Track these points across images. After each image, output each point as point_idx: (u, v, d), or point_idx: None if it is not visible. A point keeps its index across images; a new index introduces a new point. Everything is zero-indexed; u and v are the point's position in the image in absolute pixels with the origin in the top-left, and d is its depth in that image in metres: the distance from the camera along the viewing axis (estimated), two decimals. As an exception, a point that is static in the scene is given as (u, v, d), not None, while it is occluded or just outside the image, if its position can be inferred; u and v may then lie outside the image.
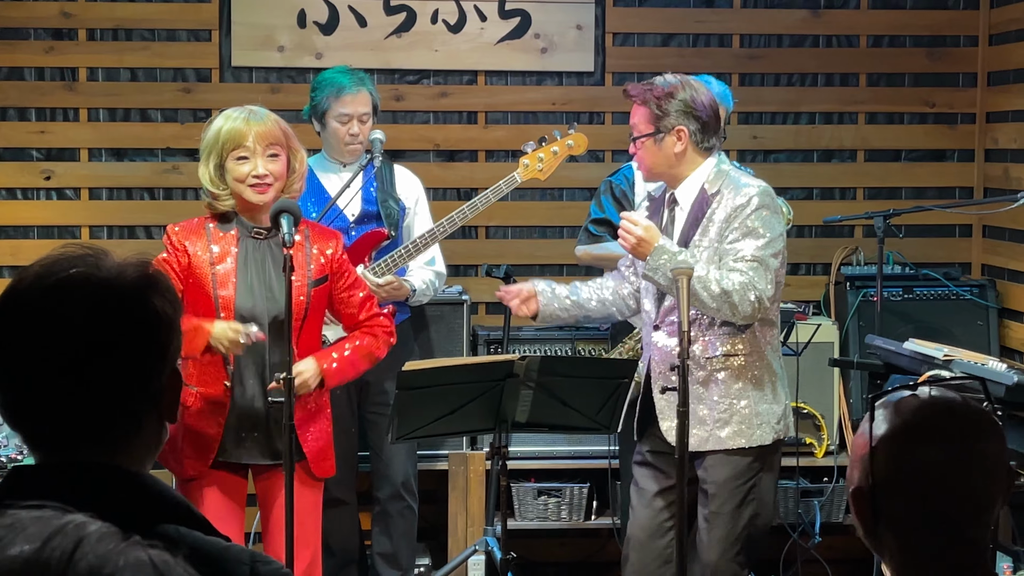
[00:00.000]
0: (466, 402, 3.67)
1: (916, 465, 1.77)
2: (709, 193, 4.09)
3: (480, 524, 5.43)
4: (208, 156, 3.91)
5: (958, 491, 1.77)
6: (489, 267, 5.34)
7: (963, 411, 1.81)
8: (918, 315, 5.75)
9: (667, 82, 4.11)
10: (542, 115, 5.99)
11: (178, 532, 1.67)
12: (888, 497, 1.78)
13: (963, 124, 6.14)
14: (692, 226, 4.09)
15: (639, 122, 4.09)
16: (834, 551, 5.61)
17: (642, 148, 4.09)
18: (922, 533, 1.78)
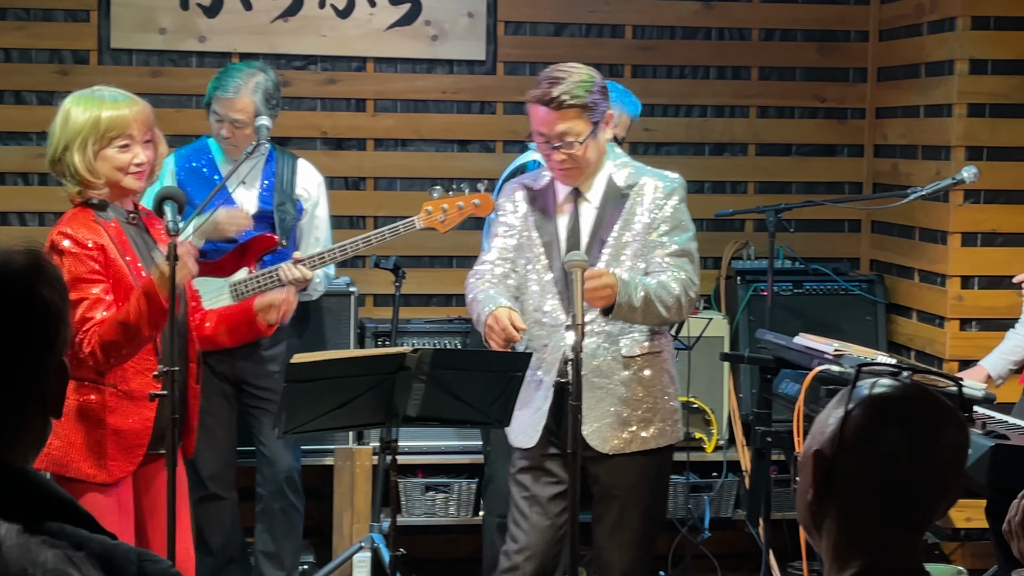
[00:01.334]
0: (357, 395, 3.65)
1: (883, 443, 1.82)
2: (622, 185, 4.01)
3: (366, 521, 5.42)
4: (84, 143, 3.74)
5: (917, 477, 1.82)
6: (378, 258, 5.32)
7: (933, 401, 1.87)
8: (808, 310, 5.85)
9: (579, 71, 3.95)
10: (432, 104, 5.99)
11: (62, 530, 1.65)
12: (848, 467, 1.83)
13: (853, 119, 6.26)
14: (608, 221, 3.99)
15: (575, 125, 3.88)
16: (723, 546, 5.69)
17: (584, 150, 3.91)
18: (870, 510, 1.83)
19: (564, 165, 3.93)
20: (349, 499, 5.48)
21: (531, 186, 4.10)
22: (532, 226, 4.05)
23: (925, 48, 5.77)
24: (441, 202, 4.78)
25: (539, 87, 3.92)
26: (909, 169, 5.90)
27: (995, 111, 5.52)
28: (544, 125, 3.89)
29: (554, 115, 3.87)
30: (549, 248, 4.02)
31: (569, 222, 4.04)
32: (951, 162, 5.50)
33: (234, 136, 4.85)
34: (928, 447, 1.83)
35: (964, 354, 5.54)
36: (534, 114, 3.93)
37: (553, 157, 3.92)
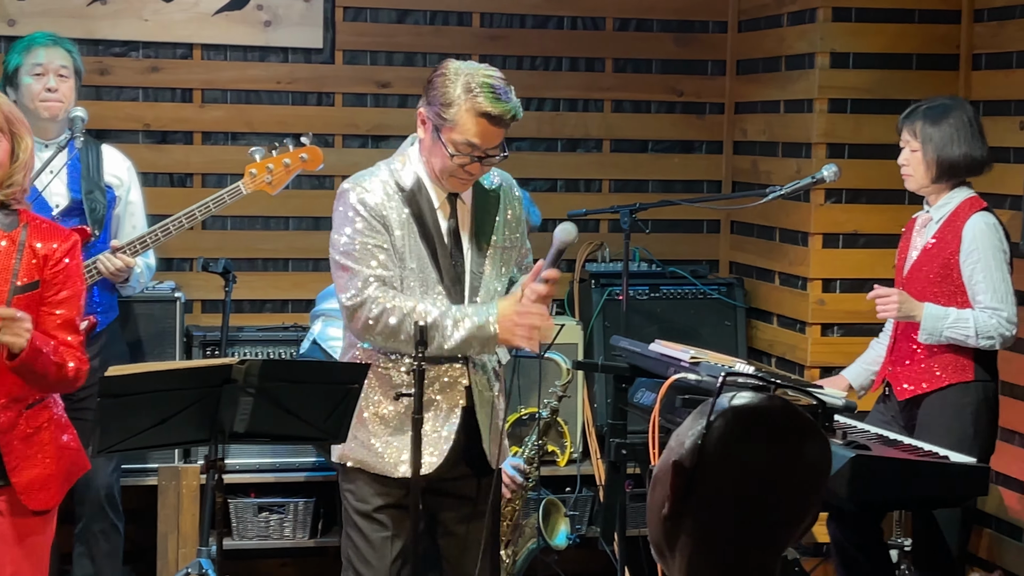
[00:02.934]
0: (178, 411, 3.57)
1: (745, 457, 1.83)
2: (487, 187, 4.02)
3: (193, 545, 5.34)
4: None
5: (778, 493, 1.84)
6: (206, 261, 5.25)
7: (797, 416, 1.89)
8: (665, 315, 5.90)
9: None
10: (265, 95, 5.92)
11: None
12: (708, 480, 1.83)
13: (712, 114, 6.33)
14: (486, 223, 4.00)
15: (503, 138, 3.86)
16: (576, 564, 5.70)
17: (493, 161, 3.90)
18: (728, 527, 1.83)
19: (473, 177, 3.92)
20: (175, 521, 5.39)
21: (402, 185, 3.94)
22: (412, 228, 3.92)
23: (785, 40, 5.86)
24: (265, 162, 4.76)
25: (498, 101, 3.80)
26: (769, 167, 5.99)
27: (857, 107, 5.62)
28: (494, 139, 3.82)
29: (497, 133, 3.82)
30: (435, 255, 3.93)
31: (450, 224, 3.98)
32: (812, 160, 5.59)
33: (60, 91, 4.78)
34: (790, 463, 1.85)
35: (826, 360, 5.64)
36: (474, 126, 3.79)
37: (471, 168, 3.85)
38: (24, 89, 4.81)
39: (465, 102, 3.77)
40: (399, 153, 3.99)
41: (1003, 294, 4.49)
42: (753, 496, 1.83)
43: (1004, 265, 4.53)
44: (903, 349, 4.65)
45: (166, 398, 3.56)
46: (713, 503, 1.83)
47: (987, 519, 5.32)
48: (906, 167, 4.64)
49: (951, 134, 4.55)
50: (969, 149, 4.56)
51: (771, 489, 1.83)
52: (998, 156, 5.02)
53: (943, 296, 4.56)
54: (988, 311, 4.48)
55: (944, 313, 4.50)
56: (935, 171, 4.57)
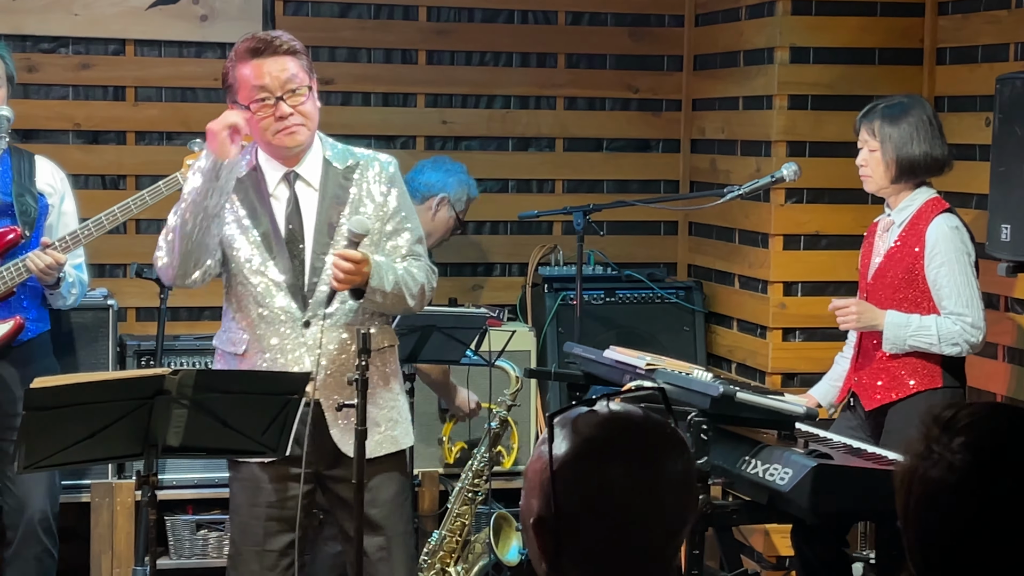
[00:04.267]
0: (108, 424, 3.53)
1: (599, 487, 1.79)
2: (340, 166, 4.03)
3: (128, 564, 5.32)
4: None
5: (646, 513, 1.80)
6: (140, 267, 5.22)
7: (646, 427, 1.84)
8: (621, 320, 5.90)
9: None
10: (202, 92, 5.89)
11: None
12: (571, 524, 1.80)
13: (668, 111, 6.33)
14: (334, 205, 3.99)
15: (297, 72, 3.93)
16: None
17: (307, 101, 3.93)
18: (609, 561, 1.80)
19: (292, 122, 3.91)
20: (109, 540, 5.37)
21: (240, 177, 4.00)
22: (243, 217, 3.98)
23: (744, 34, 5.86)
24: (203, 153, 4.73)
25: (244, 43, 3.97)
26: (728, 166, 5.99)
27: (818, 103, 5.63)
28: (265, 76, 3.90)
29: (274, 61, 3.90)
30: (267, 240, 3.96)
31: (287, 207, 4.00)
32: (772, 158, 5.59)
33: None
34: (649, 480, 1.81)
35: (788, 366, 5.65)
36: (248, 71, 3.93)
37: (280, 111, 3.89)
38: None
39: (233, 64, 3.99)
40: None
41: (967, 299, 4.50)
42: (622, 523, 1.79)
43: (968, 268, 4.54)
44: (869, 358, 4.66)
45: (95, 411, 3.52)
46: (586, 547, 1.80)
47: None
48: (864, 168, 4.65)
49: (910, 133, 4.57)
50: (929, 148, 4.57)
51: (639, 511, 1.79)
52: (963, 153, 5.04)
53: (909, 302, 4.57)
54: (952, 317, 4.49)
55: (906, 321, 4.51)
56: (895, 171, 4.59)
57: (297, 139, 3.96)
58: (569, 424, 1.84)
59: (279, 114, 3.90)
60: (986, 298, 4.65)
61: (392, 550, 4.08)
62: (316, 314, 3.95)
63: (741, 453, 3.94)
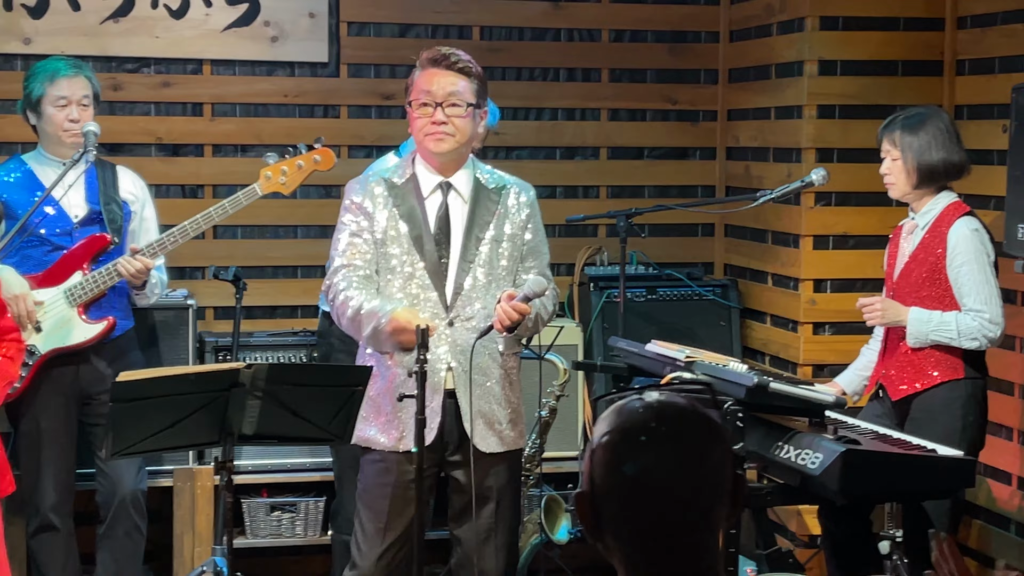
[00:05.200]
0: (188, 414, 3.57)
1: (633, 470, 1.80)
2: (489, 187, 4.12)
3: (208, 543, 5.33)
4: None
5: (678, 495, 1.80)
6: (217, 269, 5.25)
7: (684, 415, 1.85)
8: (661, 316, 5.89)
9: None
10: (273, 108, 5.92)
11: None
12: (606, 501, 1.82)
13: (705, 121, 6.32)
14: (482, 218, 4.07)
15: (463, 89, 4.02)
16: (578, 559, 5.69)
17: (464, 116, 4.01)
18: (642, 538, 1.82)
19: (443, 129, 4.00)
20: (190, 521, 5.38)
21: (392, 180, 4.11)
22: (397, 219, 4.05)
23: (775, 49, 5.85)
24: (280, 165, 4.78)
25: (428, 53, 4.08)
26: (761, 172, 5.98)
27: (845, 112, 5.61)
28: (433, 83, 4.01)
29: (445, 74, 4.01)
30: (419, 242, 4.03)
31: (439, 212, 4.06)
32: (802, 164, 5.57)
33: (82, 118, 4.77)
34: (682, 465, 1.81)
35: (818, 358, 5.63)
36: (422, 76, 4.04)
37: (435, 116, 3.99)
38: (48, 118, 4.80)
39: (417, 68, 4.08)
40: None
41: (987, 296, 4.49)
42: (653, 504, 1.79)
43: (988, 267, 4.52)
44: (896, 351, 4.65)
45: (176, 402, 3.56)
46: (623, 523, 1.81)
47: (977, 510, 5.30)
48: (888, 176, 4.65)
49: (929, 141, 4.56)
50: (947, 154, 4.56)
51: (671, 494, 1.79)
52: (982, 158, 5.01)
53: (932, 299, 4.56)
54: (972, 313, 4.48)
55: (928, 317, 4.51)
56: (916, 177, 4.58)
57: (442, 146, 4.03)
58: (615, 410, 1.86)
59: (434, 119, 3.99)
60: (1004, 294, 4.63)
61: (497, 534, 4.13)
62: (459, 315, 4.00)
63: (774, 439, 3.93)
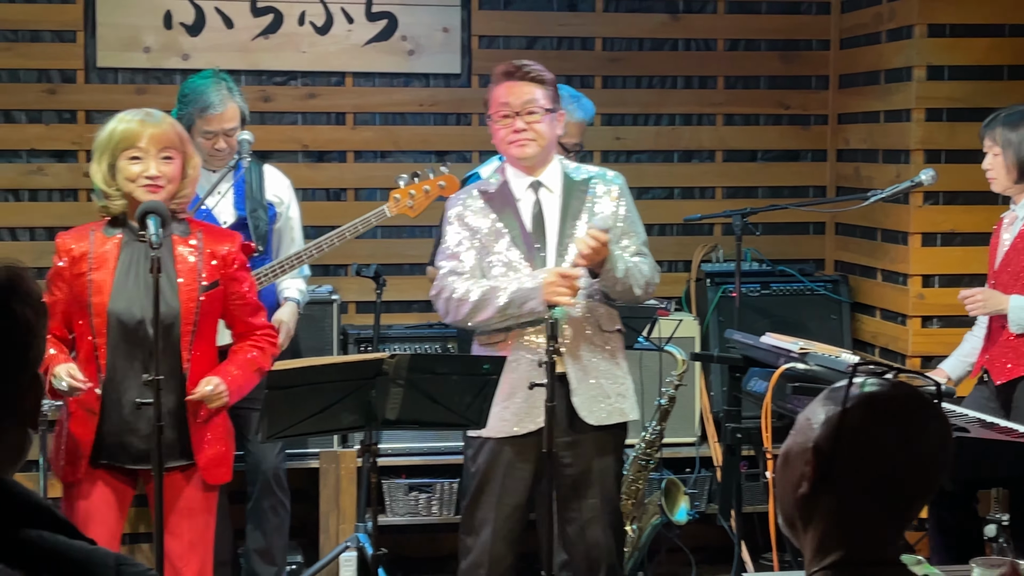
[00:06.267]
0: (336, 400, 3.61)
1: (880, 439, 1.82)
2: (577, 179, 4.13)
3: (352, 521, 5.39)
4: (101, 156, 3.80)
5: (908, 471, 1.83)
6: (359, 267, 5.30)
7: (922, 399, 1.87)
8: (775, 310, 5.84)
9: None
10: (410, 116, 5.96)
11: (40, 537, 1.63)
12: (846, 462, 1.82)
13: (816, 125, 6.25)
14: (574, 211, 4.09)
15: (539, 96, 4.05)
16: (697, 539, 5.67)
17: (542, 122, 4.04)
18: (862, 503, 1.82)
19: (524, 136, 4.03)
20: (335, 500, 5.45)
21: (484, 190, 4.18)
22: (496, 223, 4.10)
23: (884, 55, 5.76)
24: (408, 189, 4.81)
25: (501, 67, 4.13)
26: (870, 172, 5.90)
27: (952, 115, 5.51)
28: (510, 95, 4.04)
29: (518, 84, 4.05)
30: (517, 241, 4.07)
31: (533, 209, 4.09)
32: (911, 165, 5.49)
33: (229, 146, 4.81)
34: (918, 442, 1.83)
35: (926, 350, 5.54)
36: (499, 89, 4.08)
37: (515, 125, 4.03)
38: (197, 144, 4.82)
39: (492, 82, 4.13)
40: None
41: None
42: (888, 474, 1.82)
43: None
44: (999, 338, 4.59)
45: (325, 389, 3.60)
46: (851, 482, 1.82)
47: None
48: (990, 171, 4.59)
49: None
50: None
51: (902, 467, 1.82)
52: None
53: (1033, 286, 4.50)
54: None
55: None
56: (1016, 172, 4.52)
57: (525, 151, 4.07)
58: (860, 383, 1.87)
59: (514, 128, 4.02)
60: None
61: (602, 511, 4.13)
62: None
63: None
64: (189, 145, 3.89)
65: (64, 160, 5.71)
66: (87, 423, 3.81)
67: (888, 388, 1.87)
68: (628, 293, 4.04)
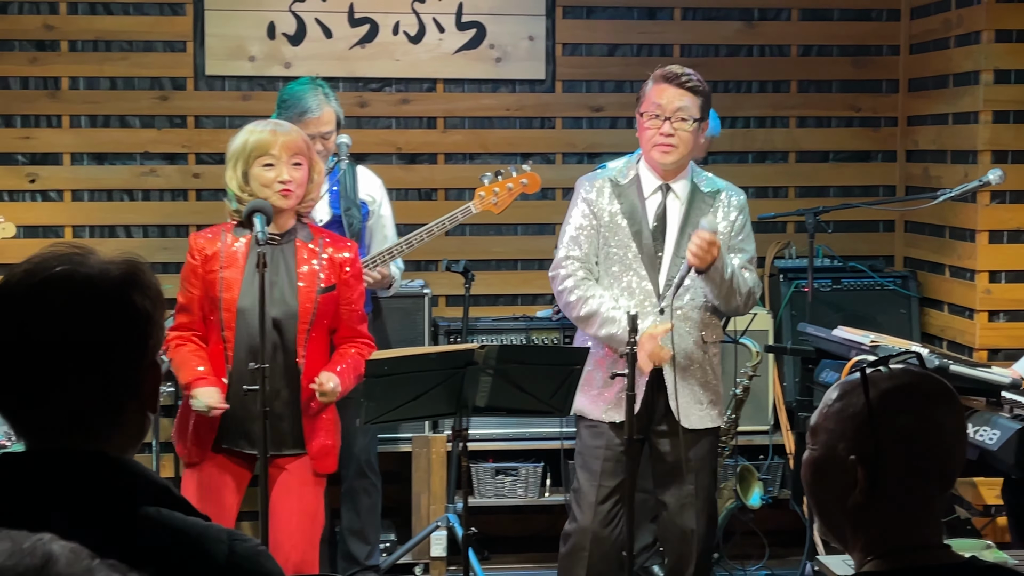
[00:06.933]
0: (430, 388, 3.64)
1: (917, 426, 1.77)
2: (704, 191, 4.13)
3: (442, 502, 5.42)
4: (236, 164, 3.90)
5: (943, 448, 1.79)
6: (449, 262, 5.33)
7: (932, 380, 1.83)
8: (846, 304, 5.78)
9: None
10: (497, 120, 5.98)
11: (159, 513, 1.65)
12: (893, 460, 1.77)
13: (886, 127, 6.18)
14: (695, 217, 4.07)
15: (691, 105, 4.01)
16: (770, 523, 5.63)
17: (689, 131, 4.02)
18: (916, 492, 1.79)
19: (670, 141, 3.98)
20: (426, 482, 5.48)
21: (617, 180, 4.15)
22: (619, 215, 4.08)
23: (953, 60, 5.68)
24: (492, 187, 4.82)
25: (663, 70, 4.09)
26: (939, 172, 5.81)
27: (1018, 117, 5.42)
28: (664, 97, 4.01)
29: (675, 91, 4.01)
30: (639, 237, 4.06)
31: (657, 211, 4.08)
32: (978, 165, 5.41)
33: (325, 148, 4.86)
34: (947, 419, 1.79)
35: (993, 343, 5.46)
36: (655, 89, 4.04)
37: (664, 128, 3.99)
38: None
39: (650, 80, 4.08)
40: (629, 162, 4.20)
41: None
42: (933, 459, 1.77)
43: None
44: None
45: (420, 377, 3.63)
46: (902, 480, 1.77)
47: None
48: None
49: None
50: None
51: (943, 447, 1.78)
52: None
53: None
54: None
55: None
56: None
57: (668, 157, 4.05)
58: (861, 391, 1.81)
59: (663, 131, 3.99)
60: None
61: (697, 499, 4.13)
62: (669, 304, 4.01)
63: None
64: (314, 152, 3.98)
65: (175, 162, 5.81)
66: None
67: (900, 377, 1.81)
68: (732, 299, 4.04)
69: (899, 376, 1.82)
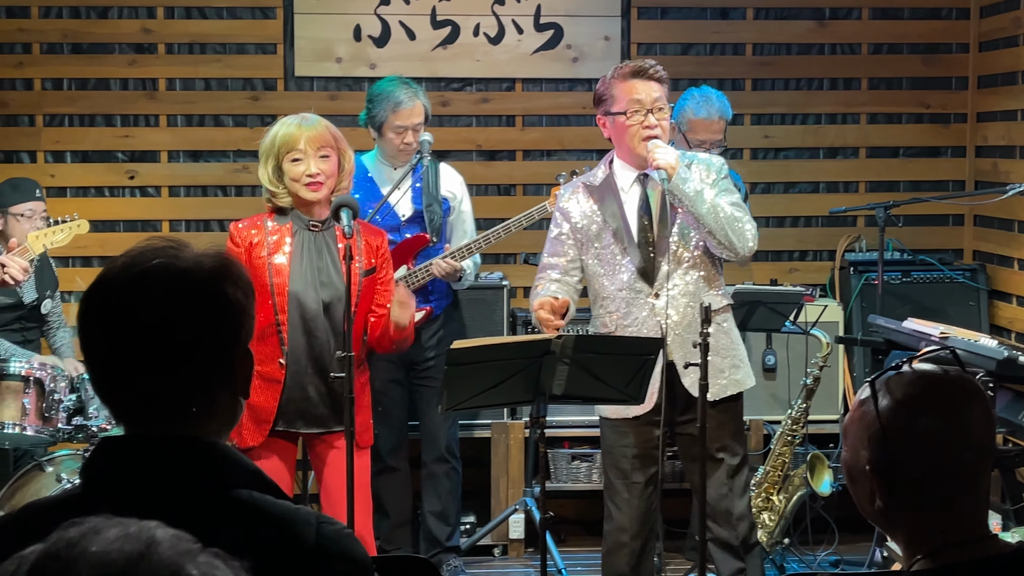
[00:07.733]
0: (508, 376, 3.62)
1: (923, 433, 1.73)
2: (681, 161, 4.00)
3: (519, 486, 5.42)
4: (266, 159, 3.94)
5: (961, 450, 1.73)
6: (526, 255, 5.33)
7: (948, 380, 1.77)
8: (915, 297, 5.69)
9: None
10: (574, 118, 5.95)
11: (251, 496, 1.66)
12: (905, 469, 1.74)
13: (956, 123, 6.06)
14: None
15: (663, 95, 3.94)
16: (839, 510, 5.55)
17: (667, 118, 3.96)
18: (936, 494, 1.74)
19: (656, 132, 3.92)
20: (504, 467, 5.48)
21: (589, 183, 4.05)
22: (600, 216, 4.00)
23: (1022, 57, 5.56)
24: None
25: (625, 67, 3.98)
26: (1008, 168, 5.70)
27: (1089, 113, 5.30)
28: (641, 92, 3.91)
29: (648, 84, 3.92)
30: (619, 234, 3.97)
31: (638, 204, 3.99)
32: (1048, 160, 5.29)
33: (415, 141, 4.86)
34: (961, 418, 1.73)
35: (1062, 336, 5.34)
36: (627, 87, 3.93)
37: (648, 121, 3.90)
38: (387, 140, 4.87)
39: (612, 82, 3.95)
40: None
41: None
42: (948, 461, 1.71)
43: None
44: None
45: (499, 366, 3.61)
46: (918, 485, 1.73)
47: None
48: None
49: None
50: None
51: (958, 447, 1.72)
52: None
53: None
54: None
55: None
56: None
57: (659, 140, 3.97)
58: (884, 385, 1.78)
59: (647, 124, 3.92)
60: None
61: (729, 476, 4.06)
62: (663, 286, 3.94)
63: (1021, 407, 3.76)
64: (343, 142, 3.99)
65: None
66: (269, 392, 3.90)
67: (916, 382, 1.75)
68: (719, 230, 3.84)
69: (916, 381, 1.76)
